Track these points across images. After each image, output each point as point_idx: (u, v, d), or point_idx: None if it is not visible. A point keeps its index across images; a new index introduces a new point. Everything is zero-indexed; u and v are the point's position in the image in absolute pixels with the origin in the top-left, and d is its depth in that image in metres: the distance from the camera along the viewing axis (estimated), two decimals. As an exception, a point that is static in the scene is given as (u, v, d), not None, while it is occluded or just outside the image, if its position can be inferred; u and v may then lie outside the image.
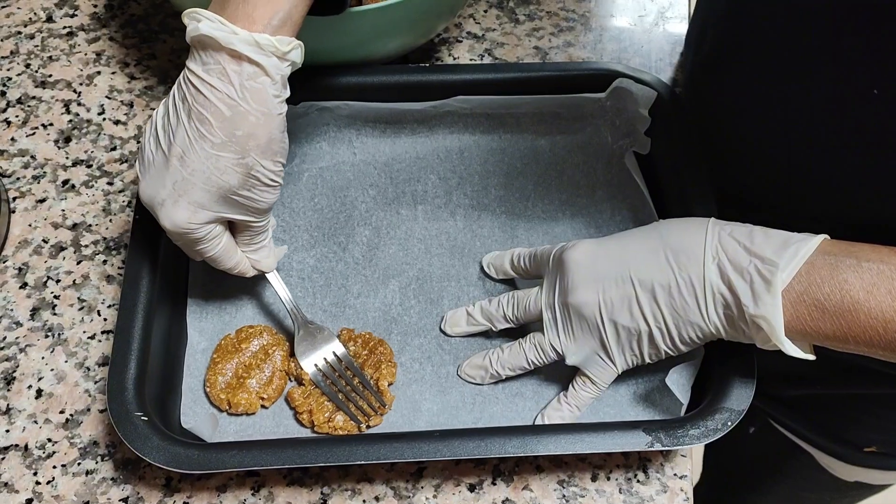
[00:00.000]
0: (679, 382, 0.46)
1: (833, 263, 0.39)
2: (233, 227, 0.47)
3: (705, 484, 0.92)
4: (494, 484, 0.47)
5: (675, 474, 0.48)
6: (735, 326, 0.41)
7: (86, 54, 0.65)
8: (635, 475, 0.48)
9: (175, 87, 0.43)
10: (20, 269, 0.54)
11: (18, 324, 0.51)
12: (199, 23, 0.40)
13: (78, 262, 0.54)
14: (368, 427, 0.48)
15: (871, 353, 0.40)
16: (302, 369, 0.49)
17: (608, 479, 0.48)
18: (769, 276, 0.39)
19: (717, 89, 0.54)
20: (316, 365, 0.49)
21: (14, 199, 0.57)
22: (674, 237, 0.43)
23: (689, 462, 0.49)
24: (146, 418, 0.43)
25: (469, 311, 0.51)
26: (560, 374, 0.50)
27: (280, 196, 0.56)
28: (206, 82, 0.40)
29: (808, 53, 0.43)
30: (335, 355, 0.49)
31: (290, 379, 0.49)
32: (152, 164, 0.43)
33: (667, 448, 0.44)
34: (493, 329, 0.50)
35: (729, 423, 0.44)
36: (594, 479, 0.48)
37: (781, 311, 0.39)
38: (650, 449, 0.43)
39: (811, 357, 0.41)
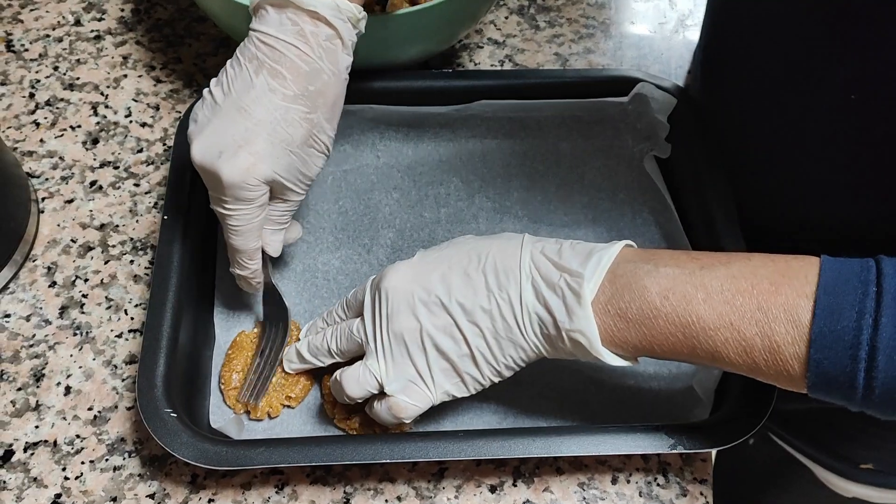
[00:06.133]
0: (704, 385, 0.47)
1: (633, 271, 0.39)
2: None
3: None
4: (515, 485, 0.48)
5: (694, 478, 0.48)
6: (554, 345, 0.41)
7: (113, 57, 0.66)
8: (655, 479, 0.48)
9: (238, 51, 0.44)
10: (49, 269, 0.55)
11: (48, 322, 0.52)
12: None
13: (105, 262, 0.55)
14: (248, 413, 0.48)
15: (686, 361, 0.40)
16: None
17: (628, 482, 0.48)
18: (578, 288, 0.39)
19: (720, 93, 0.54)
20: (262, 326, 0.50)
21: (43, 199, 0.58)
22: (491, 258, 0.42)
23: (710, 466, 0.49)
24: (175, 415, 0.43)
25: (298, 348, 0.48)
26: (579, 377, 0.50)
27: (305, 198, 0.57)
28: (282, 40, 0.43)
29: (801, 60, 0.43)
30: (279, 335, 0.49)
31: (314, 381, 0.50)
32: (210, 121, 0.43)
33: (689, 451, 0.44)
34: (322, 365, 0.48)
35: (751, 428, 0.44)
36: (614, 481, 0.48)
37: (594, 322, 0.39)
38: (673, 451, 0.44)
39: (633, 364, 0.41)
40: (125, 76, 0.65)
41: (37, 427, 0.48)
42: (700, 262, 0.39)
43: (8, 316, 0.52)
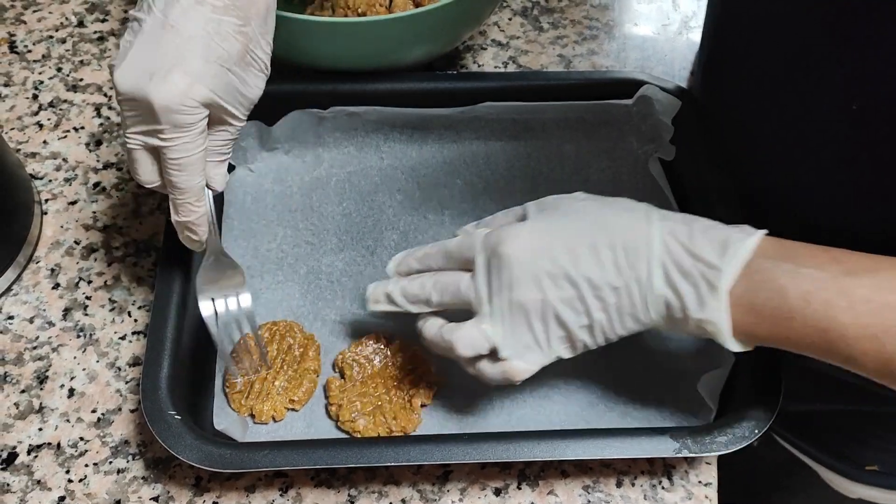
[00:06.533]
0: (709, 389, 0.47)
1: (770, 268, 0.38)
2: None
3: None
4: (520, 488, 0.48)
5: (699, 481, 0.48)
6: (675, 325, 0.41)
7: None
8: (660, 482, 0.48)
9: None
10: (52, 270, 0.55)
11: (51, 324, 0.52)
12: None
13: (109, 264, 0.55)
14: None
15: (813, 357, 0.39)
16: (345, 361, 0.49)
17: (633, 485, 0.48)
18: (714, 280, 0.39)
19: (720, 94, 0.54)
20: (215, 308, 0.46)
21: (46, 201, 0.58)
22: (619, 233, 0.41)
23: (714, 470, 0.49)
24: (179, 417, 0.43)
25: (389, 291, 0.46)
26: (583, 380, 0.50)
27: (309, 200, 0.57)
28: None
29: (801, 59, 0.43)
30: (239, 307, 0.47)
31: (317, 379, 0.50)
32: (133, 44, 0.40)
33: (694, 455, 0.44)
34: (412, 312, 0.45)
35: (757, 431, 0.44)
36: (619, 485, 0.48)
37: (727, 314, 0.39)
38: (678, 455, 0.44)
39: (749, 348, 0.41)
40: (128, 77, 0.65)
41: (40, 429, 0.48)
42: (843, 266, 0.38)
43: (11, 318, 0.52)
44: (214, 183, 0.46)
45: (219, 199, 0.56)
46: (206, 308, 0.46)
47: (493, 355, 0.42)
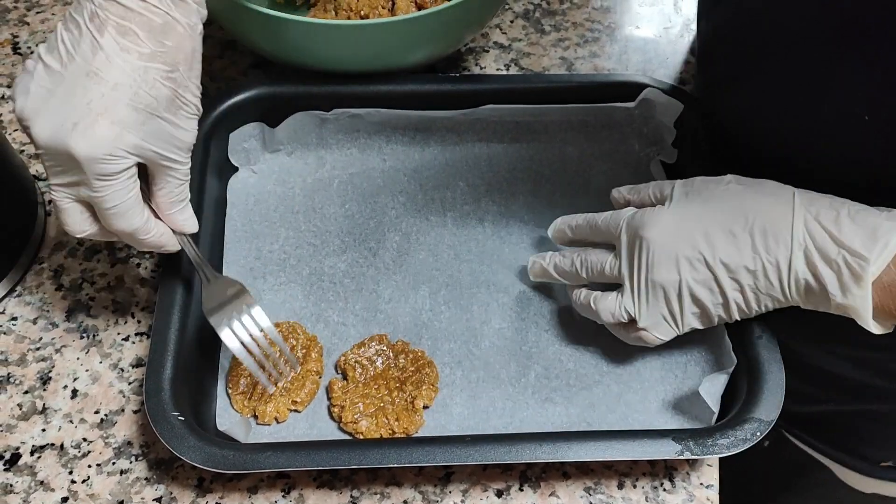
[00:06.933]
0: (710, 392, 0.47)
1: None
2: (149, 186, 0.43)
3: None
4: (521, 490, 0.48)
5: (701, 483, 0.48)
6: (815, 304, 0.43)
7: (119, 60, 0.66)
8: (661, 484, 0.48)
9: (71, 11, 0.39)
10: (56, 271, 0.55)
11: (54, 325, 0.52)
12: None
13: (112, 265, 0.55)
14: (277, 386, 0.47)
15: None
16: (348, 363, 0.49)
17: (634, 486, 0.48)
18: (860, 270, 0.40)
19: (727, 101, 0.54)
20: (232, 329, 0.46)
21: (50, 202, 0.58)
22: (759, 217, 0.43)
23: (716, 472, 0.49)
24: (182, 418, 0.43)
25: (545, 266, 0.51)
26: (585, 381, 0.50)
27: (311, 201, 0.57)
28: None
29: (808, 69, 0.43)
30: (252, 320, 0.47)
31: (320, 380, 0.50)
32: (53, 92, 0.38)
33: (696, 457, 0.44)
34: (563, 283, 0.51)
35: (759, 433, 0.44)
36: (620, 486, 0.48)
37: (870, 301, 0.40)
38: (680, 457, 0.44)
39: (888, 329, 0.42)
40: (131, 79, 0.65)
41: (43, 430, 0.48)
42: None
43: (15, 319, 0.52)
44: (186, 228, 0.46)
45: (221, 200, 0.56)
46: (230, 340, 0.46)
47: (633, 323, 0.47)
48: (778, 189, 0.44)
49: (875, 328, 0.41)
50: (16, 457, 0.47)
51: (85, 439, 0.48)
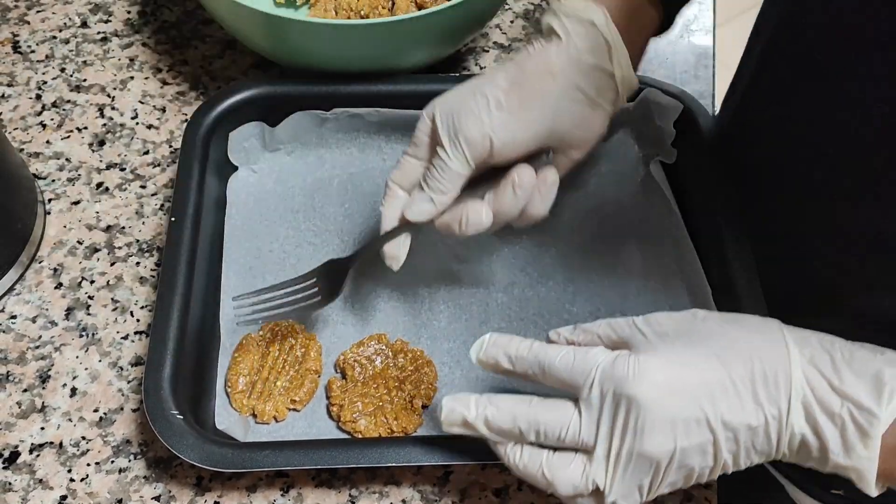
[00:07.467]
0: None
1: None
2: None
3: None
4: (520, 489, 0.48)
5: (700, 483, 0.48)
6: (804, 460, 0.37)
7: (119, 59, 0.66)
8: (660, 483, 0.48)
9: None
10: (55, 270, 0.55)
11: (53, 323, 0.52)
12: None
13: (112, 264, 0.55)
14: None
15: None
16: (346, 363, 0.49)
17: (633, 486, 0.48)
18: (867, 427, 0.34)
19: (764, 122, 0.53)
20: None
21: (49, 200, 0.58)
22: (758, 361, 0.36)
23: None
24: (181, 417, 0.43)
25: (469, 419, 0.40)
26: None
27: (311, 200, 0.58)
28: None
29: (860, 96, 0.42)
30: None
31: (318, 380, 0.50)
32: None
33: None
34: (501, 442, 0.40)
35: None
36: (619, 486, 0.48)
37: (876, 463, 0.35)
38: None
39: (883, 490, 0.37)
40: (132, 78, 0.65)
41: (42, 428, 0.48)
42: None
43: (14, 317, 0.53)
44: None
45: (221, 200, 0.57)
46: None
47: (597, 494, 0.38)
48: (764, 324, 0.38)
49: (873, 492, 0.36)
50: (15, 455, 0.47)
51: (84, 438, 0.48)
